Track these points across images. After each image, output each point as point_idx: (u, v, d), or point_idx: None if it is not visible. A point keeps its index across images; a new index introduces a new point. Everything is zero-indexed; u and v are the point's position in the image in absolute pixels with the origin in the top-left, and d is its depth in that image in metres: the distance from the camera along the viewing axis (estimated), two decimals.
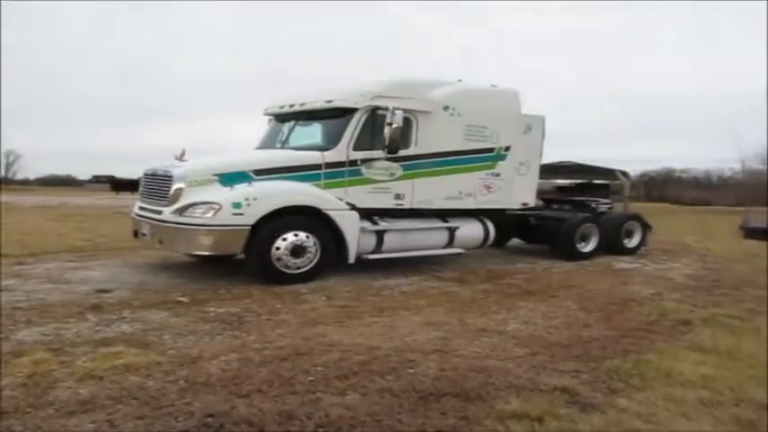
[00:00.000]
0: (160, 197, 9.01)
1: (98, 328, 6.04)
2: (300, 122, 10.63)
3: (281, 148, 10.38)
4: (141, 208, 9.59)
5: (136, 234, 9.70)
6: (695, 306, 8.08)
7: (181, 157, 9.43)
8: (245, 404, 4.11)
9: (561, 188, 17.78)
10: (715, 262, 13.20)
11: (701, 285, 9.94)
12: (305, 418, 3.92)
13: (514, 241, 14.10)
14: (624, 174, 16.39)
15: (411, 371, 4.90)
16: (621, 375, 4.98)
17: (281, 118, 11.04)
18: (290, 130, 10.62)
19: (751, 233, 20.30)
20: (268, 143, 10.94)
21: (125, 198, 44.01)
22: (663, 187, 60.53)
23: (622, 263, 12.41)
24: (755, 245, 17.51)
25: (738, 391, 4.65)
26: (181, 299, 7.48)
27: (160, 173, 9.23)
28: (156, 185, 9.24)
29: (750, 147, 61.80)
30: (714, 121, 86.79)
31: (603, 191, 16.15)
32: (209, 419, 3.86)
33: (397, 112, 9.41)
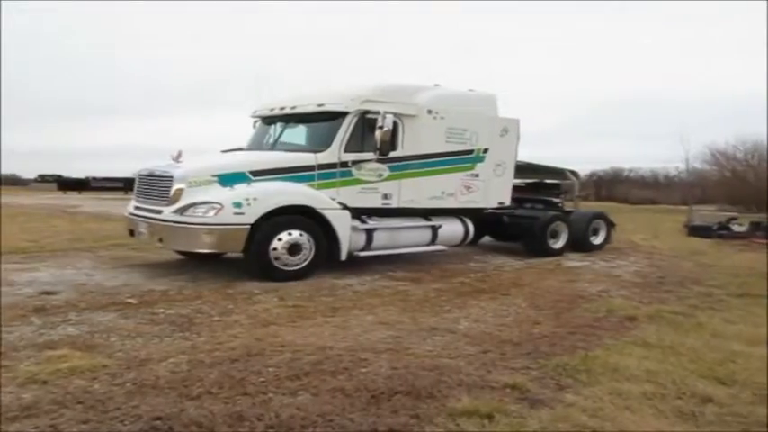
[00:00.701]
0: (160, 197, 9.22)
1: (42, 330, 5.88)
2: (291, 125, 11.04)
3: (272, 149, 10.69)
4: (137, 208, 9.84)
5: (132, 233, 9.92)
6: (641, 302, 8.29)
7: (177, 158, 9.57)
8: (195, 406, 4.05)
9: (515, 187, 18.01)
10: (660, 259, 13.55)
11: (646, 282, 10.21)
12: (255, 419, 3.89)
13: (482, 240, 14.23)
14: (574, 173, 16.69)
15: (363, 370, 4.90)
16: (570, 371, 5.08)
17: (269, 120, 11.41)
18: (281, 133, 10.99)
19: (694, 231, 20.91)
20: (256, 144, 11.34)
21: (72, 198, 42.97)
22: (611, 187, 61.78)
23: (572, 261, 12.65)
24: (699, 242, 18.07)
25: (681, 384, 4.79)
26: (129, 300, 7.34)
27: (158, 173, 9.44)
28: (155, 186, 9.45)
29: (694, 147, 63.51)
30: (659, 121, 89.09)
31: (554, 190, 16.40)
32: (157, 422, 3.80)
33: (387, 116, 9.81)
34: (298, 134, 11.00)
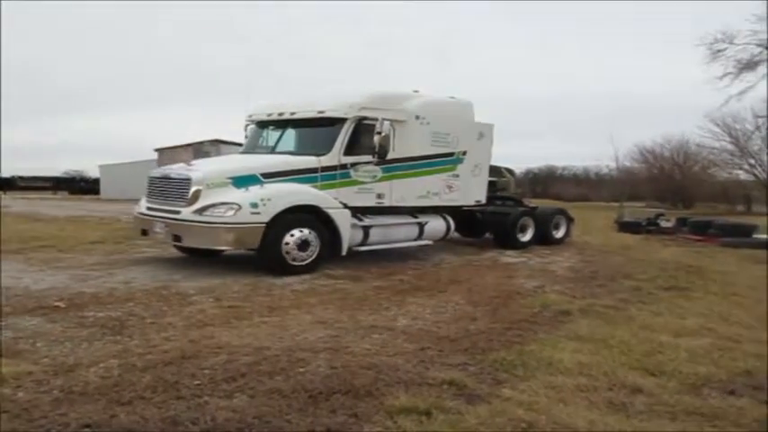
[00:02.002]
0: (178, 198, 9.82)
1: None
2: (290, 129, 11.78)
3: (272, 152, 11.50)
4: (150, 208, 10.44)
5: (145, 232, 10.55)
6: (574, 297, 8.49)
7: (189, 162, 10.63)
8: (127, 412, 3.93)
9: None
10: (593, 255, 13.92)
11: (580, 277, 10.47)
12: (190, 423, 3.80)
13: None
14: (510, 171, 17.05)
15: (301, 370, 4.85)
16: (506, 366, 5.15)
17: (264, 124, 12.19)
18: (280, 137, 11.75)
19: (625, 227, 21.60)
20: (252, 147, 12.27)
21: None
22: (546, 184, 63.25)
23: (508, 257, 12.87)
24: (629, 238, 18.66)
25: (612, 376, 4.93)
26: (57, 304, 7.06)
27: (175, 176, 10.17)
28: (172, 188, 10.08)
29: (623, 145, 65.67)
30: (589, 120, 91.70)
31: (490, 187, 16.66)
32: (86, 430, 3.68)
33: (385, 122, 10.76)
34: (298, 138, 11.72)
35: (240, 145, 13.71)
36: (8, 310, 6.64)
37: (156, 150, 49.85)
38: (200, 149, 45.80)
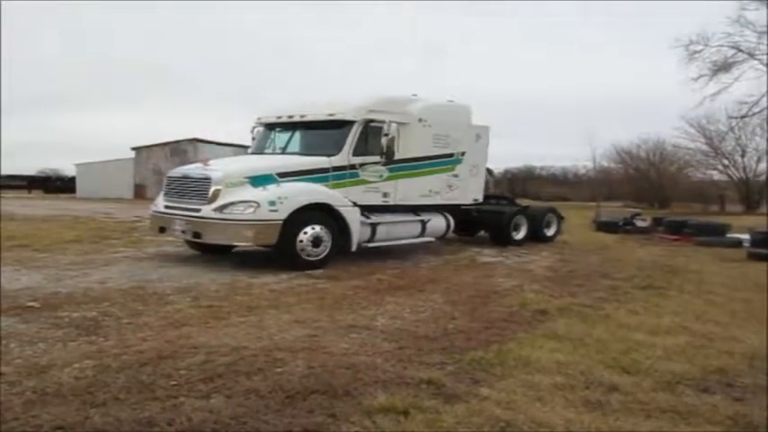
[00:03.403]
0: (198, 197, 10.21)
1: None
2: (298, 131, 12.34)
3: (282, 153, 12.15)
4: (168, 207, 10.79)
5: (162, 230, 10.96)
6: (552, 296, 8.54)
7: (206, 162, 11.10)
8: (101, 413, 3.87)
9: None
10: (571, 254, 14.04)
11: (557, 276, 10.55)
12: (166, 424, 3.76)
13: None
14: (489, 171, 17.13)
15: (279, 370, 4.82)
16: (484, 365, 5.16)
17: (272, 126, 12.79)
18: (290, 138, 12.37)
19: (602, 227, 21.82)
20: (260, 148, 12.82)
21: None
22: (524, 184, 63.64)
23: (486, 257, 12.94)
24: (606, 237, 18.86)
25: (588, 374, 4.96)
26: (31, 304, 6.94)
27: (194, 176, 10.58)
28: (192, 187, 10.47)
29: (600, 146, 66.27)
30: (568, 121, 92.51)
31: None
32: None
33: (392, 125, 11.31)
34: (308, 140, 12.18)
35: (220, 144, 14.08)
36: None
37: (134, 149, 49.40)
38: (177, 148, 45.48)
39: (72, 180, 54.01)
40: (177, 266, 10.08)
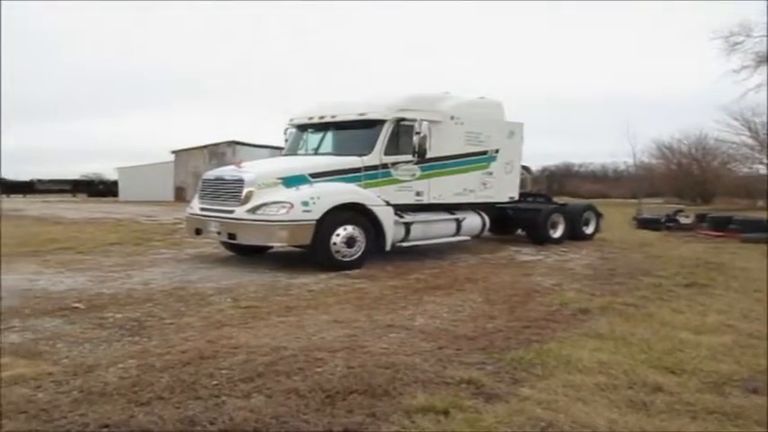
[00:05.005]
0: (231, 198, 10.31)
1: None
2: (330, 132, 12.32)
3: (315, 154, 12.20)
4: (203, 209, 10.92)
5: (198, 231, 11.02)
6: (593, 295, 8.41)
7: (239, 164, 11.01)
8: (145, 412, 3.94)
9: None
10: (611, 252, 13.82)
11: (598, 275, 10.38)
12: (208, 423, 3.80)
13: None
14: (526, 168, 16.97)
15: (318, 370, 4.84)
16: (524, 365, 5.11)
17: (304, 127, 12.80)
18: (322, 138, 12.39)
19: (643, 224, 21.42)
20: (294, 149, 12.84)
21: (16, 201, 41.71)
22: (563, 181, 62.85)
23: (525, 255, 12.81)
24: (648, 235, 18.51)
25: (632, 374, 4.87)
26: (77, 305, 7.11)
27: (228, 178, 10.66)
28: (226, 188, 10.58)
29: (641, 141, 65.01)
30: (607, 117, 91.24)
31: None
32: (105, 430, 3.68)
33: (423, 123, 11.21)
34: (339, 140, 12.16)
35: (258, 146, 14.17)
36: (28, 312, 6.71)
37: (173, 152, 50.20)
38: (215, 151, 46.08)
39: (114, 183, 55.11)
40: (217, 267, 10.22)
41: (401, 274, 9.94)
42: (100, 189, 60.73)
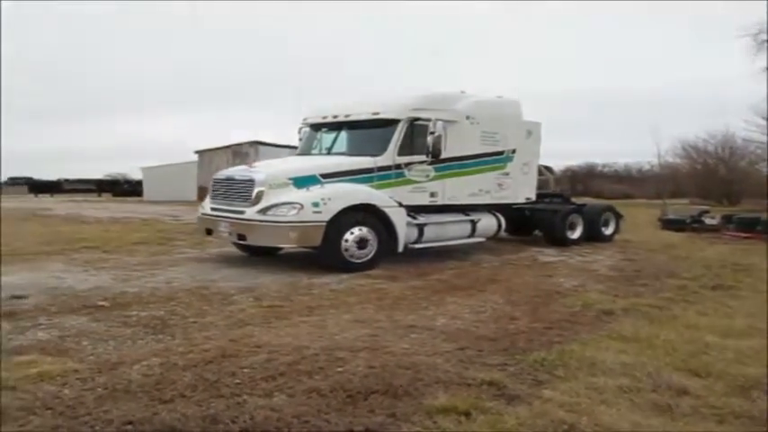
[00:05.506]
0: (242, 199, 10.26)
1: (11, 335, 5.75)
2: (344, 131, 12.23)
3: (328, 154, 12.12)
4: (214, 209, 10.88)
5: (209, 232, 11.04)
6: (617, 296, 8.34)
7: (251, 164, 11.09)
8: (168, 410, 3.98)
9: None
10: (635, 253, 13.66)
11: (622, 276, 10.28)
12: (230, 421, 3.83)
13: None
14: (548, 169, 16.89)
15: (340, 369, 4.85)
16: (546, 366, 5.08)
17: (318, 126, 12.70)
18: (335, 138, 12.29)
19: (668, 225, 21.16)
20: (307, 149, 12.75)
21: (44, 200, 42.35)
22: (586, 181, 62.26)
23: (547, 257, 12.71)
24: (672, 236, 18.28)
25: (656, 377, 4.81)
26: (101, 303, 7.21)
27: (239, 178, 10.60)
28: (236, 189, 10.52)
29: (666, 141, 64.19)
30: (631, 116, 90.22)
31: None
32: (129, 427, 3.73)
33: (437, 123, 11.03)
34: (353, 140, 12.07)
35: (280, 146, 14.13)
36: (54, 310, 6.80)
37: (197, 152, 50.64)
38: (239, 151, 46.40)
39: (139, 183, 55.69)
40: (239, 267, 10.28)
41: (422, 274, 9.93)
42: (125, 189, 61.43)
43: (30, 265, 10.11)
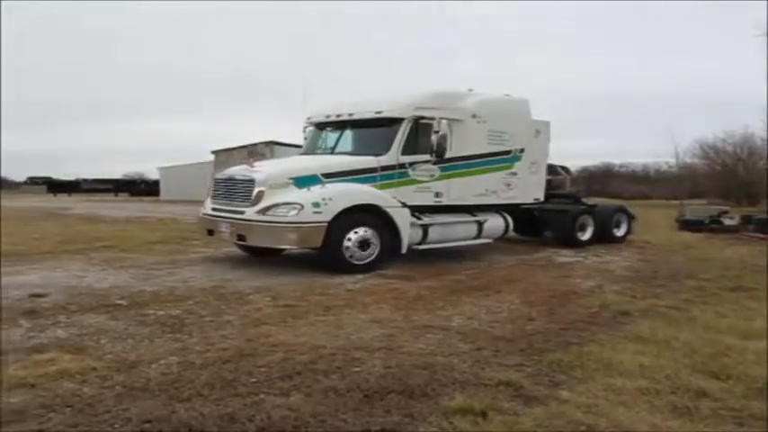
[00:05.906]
0: (242, 199, 10.14)
1: (31, 334, 5.82)
2: (348, 130, 12.04)
3: (332, 153, 11.85)
4: (215, 209, 10.73)
5: (210, 232, 10.83)
6: (634, 297, 8.27)
7: (252, 164, 10.82)
8: (186, 408, 4.00)
9: None
10: (653, 254, 13.55)
11: (639, 277, 10.19)
12: (247, 420, 3.85)
13: None
14: (565, 169, 16.73)
15: (356, 369, 4.86)
16: (564, 367, 5.05)
17: (323, 126, 12.50)
18: (339, 138, 12.09)
19: (686, 225, 20.95)
20: (312, 149, 12.58)
21: (62, 200, 42.73)
22: (603, 182, 61.82)
23: (564, 257, 12.64)
24: (690, 237, 18.10)
25: (675, 379, 4.76)
26: (119, 302, 7.27)
27: (239, 178, 10.46)
28: (236, 189, 10.40)
29: (683, 141, 63.57)
30: (648, 116, 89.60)
31: (546, 186, 16.41)
32: (147, 425, 3.75)
33: (442, 121, 10.85)
34: (356, 139, 11.91)
35: (296, 146, 13.96)
36: (73, 309, 6.87)
37: (213, 152, 50.91)
38: (254, 151, 46.57)
39: (156, 183, 56.11)
40: (254, 266, 10.32)
41: (438, 274, 9.91)
42: (142, 188, 61.92)
43: (49, 263, 10.22)
